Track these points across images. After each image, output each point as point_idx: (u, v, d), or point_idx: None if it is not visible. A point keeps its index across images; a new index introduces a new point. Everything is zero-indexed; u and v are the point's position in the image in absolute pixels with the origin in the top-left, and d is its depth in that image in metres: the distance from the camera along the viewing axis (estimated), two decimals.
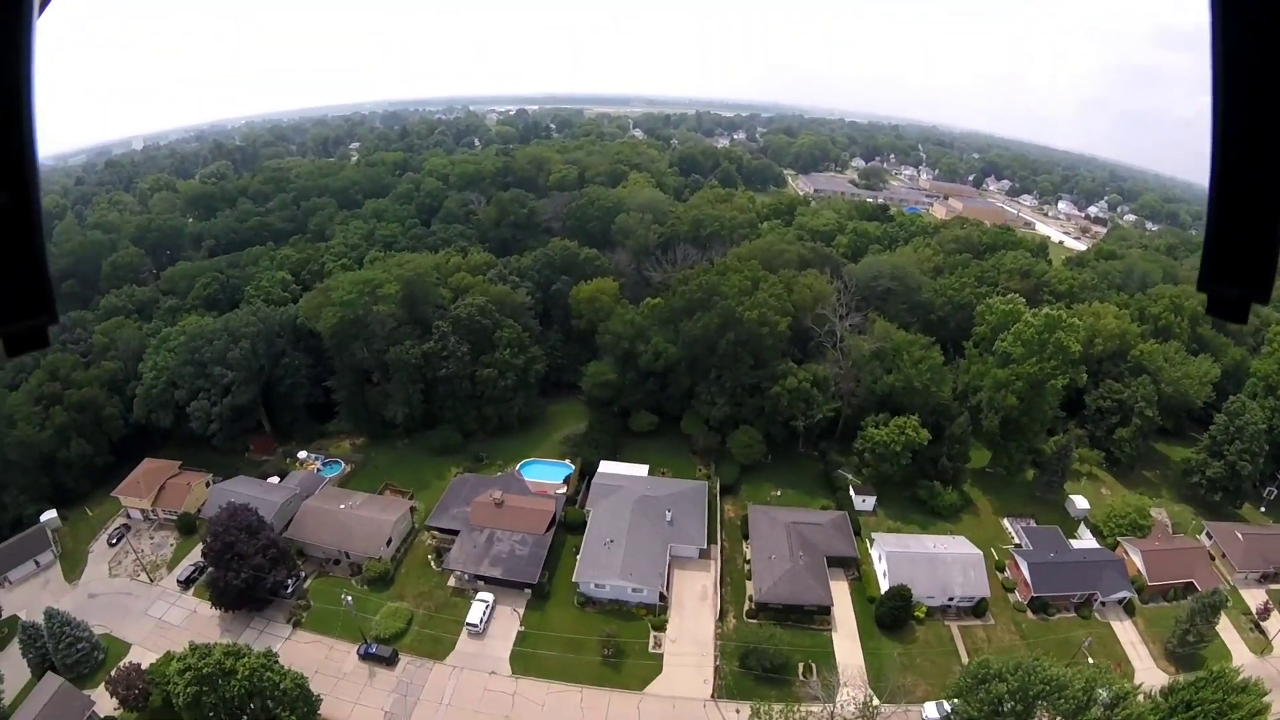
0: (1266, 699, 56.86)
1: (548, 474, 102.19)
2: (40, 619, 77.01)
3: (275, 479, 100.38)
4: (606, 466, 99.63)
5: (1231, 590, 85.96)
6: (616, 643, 74.87)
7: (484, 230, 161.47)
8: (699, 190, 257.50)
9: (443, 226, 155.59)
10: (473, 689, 72.83)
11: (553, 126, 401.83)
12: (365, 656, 76.40)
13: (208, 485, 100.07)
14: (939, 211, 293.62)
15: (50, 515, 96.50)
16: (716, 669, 73.69)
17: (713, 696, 71.38)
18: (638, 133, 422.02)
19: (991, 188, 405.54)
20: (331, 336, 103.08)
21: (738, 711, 69.47)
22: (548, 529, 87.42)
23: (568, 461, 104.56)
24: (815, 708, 66.40)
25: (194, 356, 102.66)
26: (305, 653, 77.72)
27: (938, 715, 67.64)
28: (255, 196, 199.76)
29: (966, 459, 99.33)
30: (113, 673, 72.04)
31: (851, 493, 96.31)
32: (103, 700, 72.55)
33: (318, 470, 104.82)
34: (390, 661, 75.88)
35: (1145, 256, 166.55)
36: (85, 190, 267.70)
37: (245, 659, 64.34)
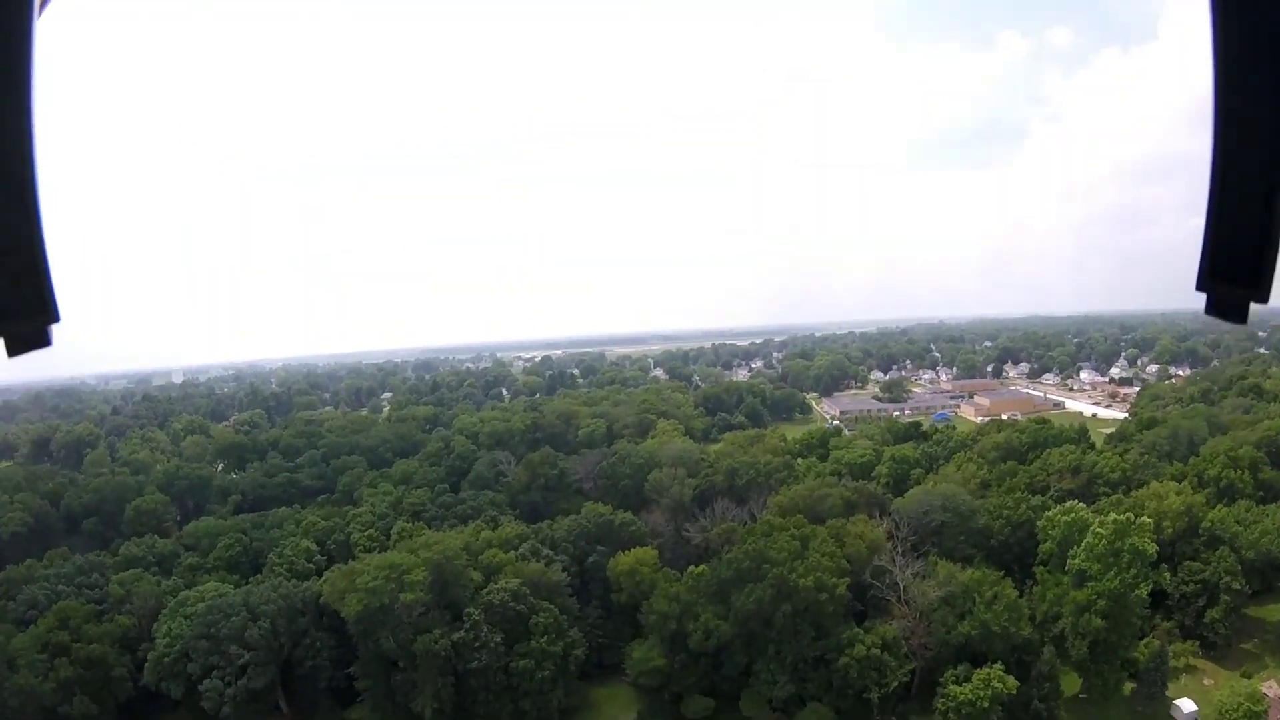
0: None
1: None
2: None
3: None
4: None
5: None
6: None
7: (514, 493, 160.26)
8: (727, 431, 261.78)
9: (472, 494, 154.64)
10: None
11: (577, 373, 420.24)
12: None
13: None
14: (968, 412, 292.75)
15: None
16: None
17: None
18: (659, 373, 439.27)
19: (1011, 373, 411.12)
20: (356, 622, 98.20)
21: None
22: None
23: None
24: None
25: (210, 631, 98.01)
26: None
27: None
28: (285, 450, 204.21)
29: (1059, 695, 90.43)
30: None
31: None
32: None
33: None
34: None
35: (1185, 414, 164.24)
36: (120, 421, 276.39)
37: None
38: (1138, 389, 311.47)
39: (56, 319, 3.59)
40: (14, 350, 3.57)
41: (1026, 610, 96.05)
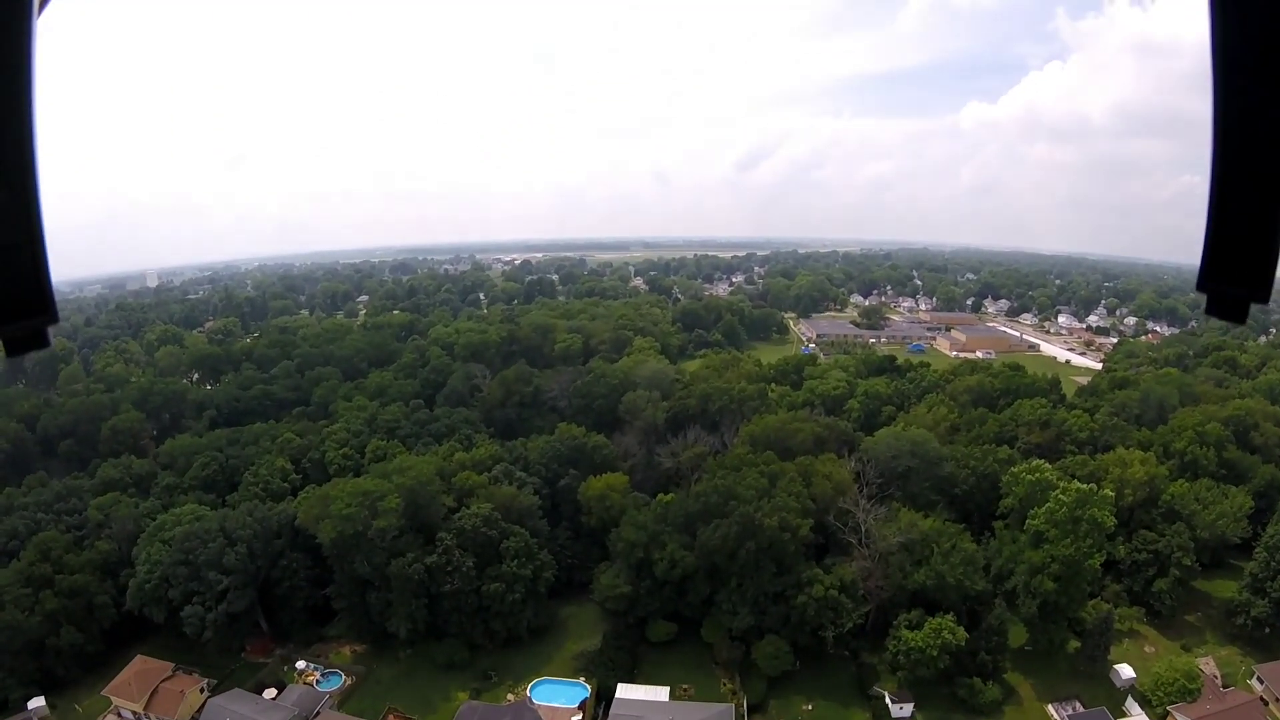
0: None
1: (562, 695, 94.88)
2: None
3: (272, 692, 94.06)
4: (624, 691, 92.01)
5: None
6: None
7: (488, 409, 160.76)
8: (704, 348, 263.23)
9: (446, 411, 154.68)
10: None
11: (556, 279, 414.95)
12: None
13: (202, 691, 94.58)
14: (943, 345, 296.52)
15: (39, 703, 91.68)
16: None
17: None
18: (640, 282, 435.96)
19: (990, 309, 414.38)
20: (331, 547, 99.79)
21: None
22: None
23: (583, 681, 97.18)
24: None
25: (189, 557, 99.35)
26: None
27: None
28: (260, 361, 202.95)
29: (1005, 649, 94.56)
30: None
31: (888, 699, 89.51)
32: None
33: (317, 682, 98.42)
34: None
35: (1159, 379, 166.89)
36: (94, 333, 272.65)
37: None
38: (1115, 340, 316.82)
39: (56, 319, 3.63)
40: (14, 350, 3.61)
41: (982, 561, 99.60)
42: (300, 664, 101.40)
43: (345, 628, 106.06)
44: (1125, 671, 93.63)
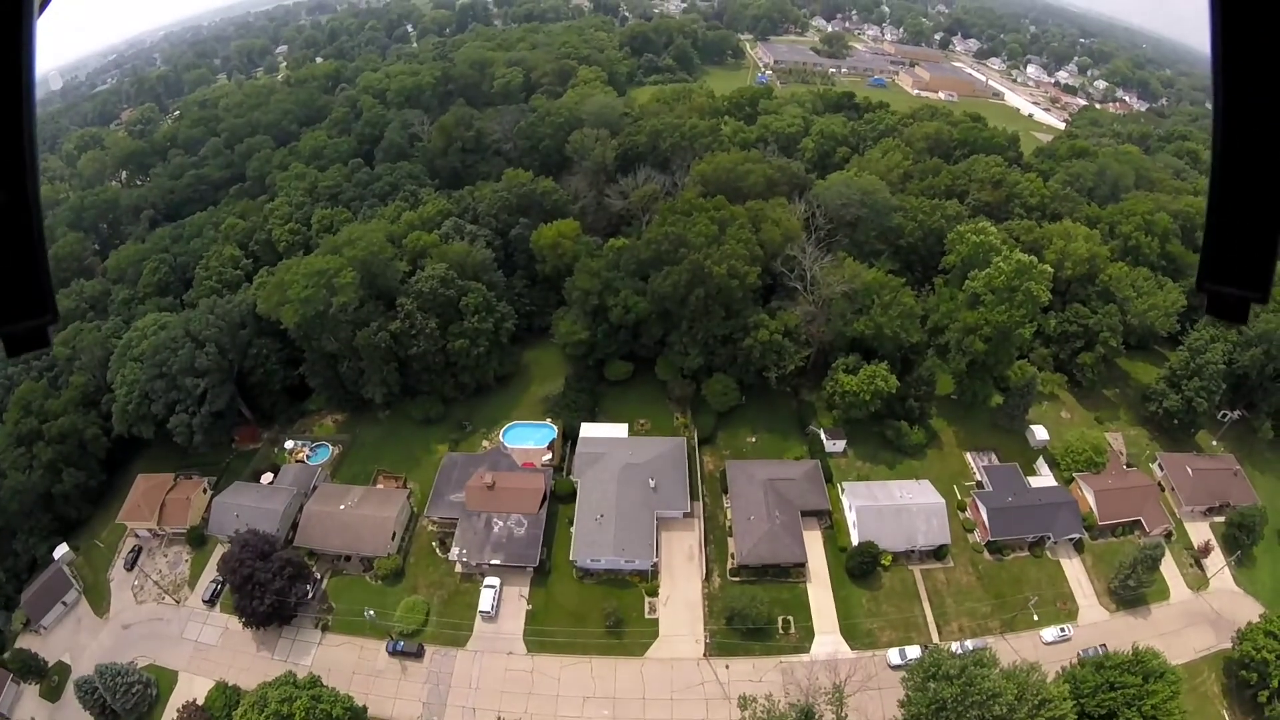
0: (1175, 685, 65.50)
1: (532, 437, 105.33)
2: (90, 671, 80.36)
3: (269, 476, 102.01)
4: (588, 430, 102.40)
5: (1177, 524, 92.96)
6: (616, 614, 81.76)
7: (431, 158, 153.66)
8: (654, 74, 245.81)
9: (388, 167, 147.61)
10: (495, 671, 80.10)
11: (490, 1, 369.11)
12: (394, 652, 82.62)
13: (205, 491, 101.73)
14: (905, 82, 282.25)
15: (63, 550, 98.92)
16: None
17: (705, 655, 78.98)
18: (583, 0, 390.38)
19: (958, 48, 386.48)
20: (296, 329, 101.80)
21: (726, 667, 77.62)
22: (541, 505, 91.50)
23: (549, 422, 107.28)
24: (794, 658, 75.43)
25: (162, 370, 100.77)
26: (339, 656, 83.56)
27: (900, 661, 76.00)
28: (186, 144, 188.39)
29: (933, 397, 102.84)
30: (176, 712, 77.34)
31: (823, 436, 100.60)
32: None
33: (307, 458, 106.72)
34: (418, 655, 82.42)
35: (1118, 156, 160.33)
36: None
37: (299, 701, 68.87)
38: (1082, 103, 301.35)
39: (56, 319, 3.70)
40: (14, 350, 3.66)
41: (919, 313, 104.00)
42: (289, 444, 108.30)
43: (324, 401, 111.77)
44: (1040, 433, 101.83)
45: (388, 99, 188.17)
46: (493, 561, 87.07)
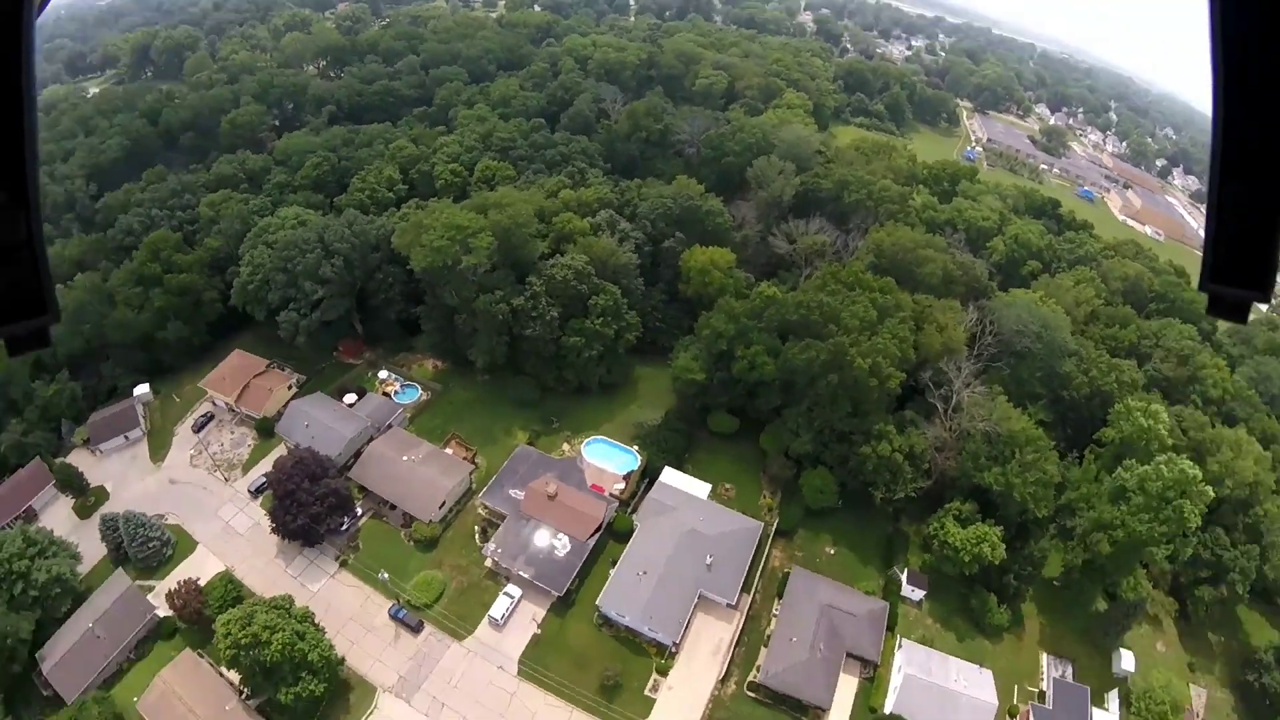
0: None
1: (613, 459, 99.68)
2: (122, 508, 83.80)
3: (352, 397, 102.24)
4: (669, 476, 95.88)
5: None
6: (617, 678, 75.96)
7: (611, 141, 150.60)
8: (861, 116, 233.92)
9: (565, 137, 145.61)
10: (478, 679, 76.43)
11: None
12: (394, 617, 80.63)
13: (290, 388, 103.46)
14: (1114, 203, 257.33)
15: (143, 390, 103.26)
16: None
17: None
18: (808, 18, 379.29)
19: (1177, 182, 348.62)
20: (422, 275, 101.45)
21: None
22: (592, 534, 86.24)
23: (635, 450, 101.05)
24: None
25: (286, 265, 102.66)
26: (344, 597, 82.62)
27: None
28: (385, 54, 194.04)
29: (1034, 579, 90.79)
30: (173, 586, 78.17)
31: (904, 579, 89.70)
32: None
33: (396, 393, 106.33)
34: (415, 629, 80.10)
35: None
36: (222, 18, 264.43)
37: (281, 633, 67.90)
38: None
39: (57, 319, 3.59)
40: (14, 350, 3.57)
41: (1056, 480, 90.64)
42: (383, 373, 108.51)
43: (431, 345, 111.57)
44: (1128, 661, 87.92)
45: (588, 68, 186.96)
46: (522, 573, 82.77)
